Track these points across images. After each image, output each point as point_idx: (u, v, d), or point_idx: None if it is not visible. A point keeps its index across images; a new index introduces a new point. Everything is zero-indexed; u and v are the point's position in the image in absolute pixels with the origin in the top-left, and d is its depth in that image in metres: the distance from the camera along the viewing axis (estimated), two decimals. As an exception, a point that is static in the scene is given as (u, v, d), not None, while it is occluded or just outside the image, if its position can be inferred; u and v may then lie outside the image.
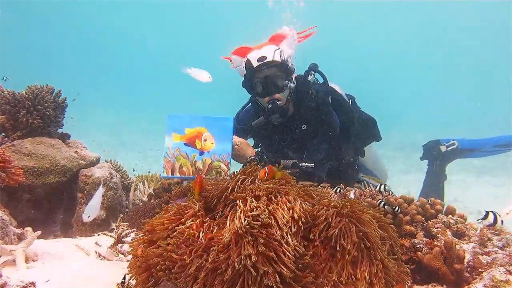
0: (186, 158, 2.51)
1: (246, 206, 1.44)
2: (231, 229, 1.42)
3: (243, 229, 1.36)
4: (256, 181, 1.69)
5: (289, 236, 1.38)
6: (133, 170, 4.35)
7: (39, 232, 1.82)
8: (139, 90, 27.88)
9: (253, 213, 1.39)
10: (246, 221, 1.37)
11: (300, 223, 1.45)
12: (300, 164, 2.88)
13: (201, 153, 2.52)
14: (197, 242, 1.46)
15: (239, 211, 1.43)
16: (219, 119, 2.59)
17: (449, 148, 4.51)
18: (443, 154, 4.54)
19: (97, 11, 28.69)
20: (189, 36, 32.29)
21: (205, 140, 2.52)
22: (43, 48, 29.12)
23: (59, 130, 3.09)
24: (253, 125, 3.13)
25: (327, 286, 1.36)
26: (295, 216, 1.44)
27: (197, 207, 1.63)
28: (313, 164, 2.88)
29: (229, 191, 1.66)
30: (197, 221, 1.55)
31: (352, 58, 30.11)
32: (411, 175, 9.00)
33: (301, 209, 1.48)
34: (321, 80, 3.28)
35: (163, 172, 2.52)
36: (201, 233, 1.51)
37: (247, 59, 2.93)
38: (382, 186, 2.21)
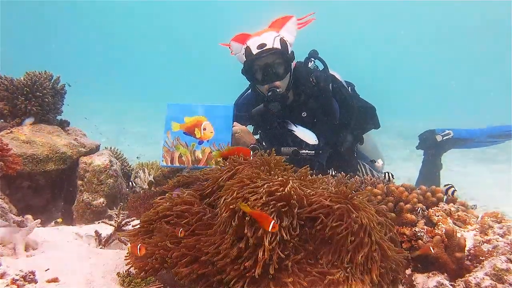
0: (186, 147, 2.51)
1: (228, 199, 1.46)
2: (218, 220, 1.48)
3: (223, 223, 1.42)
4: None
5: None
6: (137, 158, 4.36)
7: (38, 220, 1.82)
8: (138, 78, 27.75)
9: (232, 206, 1.41)
10: (226, 213, 1.42)
11: (292, 200, 1.43)
12: (300, 152, 2.87)
13: (200, 142, 2.52)
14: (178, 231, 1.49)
15: (222, 205, 1.48)
16: (219, 108, 2.58)
17: (444, 138, 4.51)
18: (439, 144, 4.55)
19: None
20: (189, 24, 32.13)
21: (204, 129, 2.52)
22: (41, 38, 28.93)
23: (58, 117, 3.07)
24: (252, 113, 3.12)
25: (316, 269, 1.36)
26: (284, 192, 1.43)
27: (185, 194, 1.66)
28: (313, 152, 2.87)
29: (219, 180, 1.71)
30: (184, 207, 1.59)
31: (352, 46, 30.06)
32: (412, 163, 8.98)
33: (293, 188, 1.47)
34: (321, 67, 3.25)
35: (162, 161, 2.52)
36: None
37: (247, 46, 2.89)
38: (389, 175, 2.19)
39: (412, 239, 1.89)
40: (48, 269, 1.56)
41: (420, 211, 2.06)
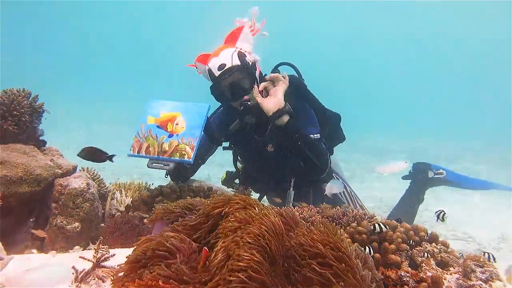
0: (155, 139, 2.57)
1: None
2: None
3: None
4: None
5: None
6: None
7: (12, 256, 1.72)
8: (112, 81, 27.31)
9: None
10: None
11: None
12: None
13: (170, 135, 2.58)
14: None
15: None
16: (195, 106, 2.67)
17: (435, 176, 4.62)
18: (429, 179, 4.64)
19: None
20: (162, 23, 32.18)
21: (176, 124, 2.59)
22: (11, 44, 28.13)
23: (34, 136, 2.95)
24: (231, 129, 3.21)
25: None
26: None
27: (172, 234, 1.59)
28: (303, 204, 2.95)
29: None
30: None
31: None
32: (383, 183, 9.13)
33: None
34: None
35: (130, 150, 2.58)
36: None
37: (209, 68, 2.98)
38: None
39: (397, 284, 1.89)
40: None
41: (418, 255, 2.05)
